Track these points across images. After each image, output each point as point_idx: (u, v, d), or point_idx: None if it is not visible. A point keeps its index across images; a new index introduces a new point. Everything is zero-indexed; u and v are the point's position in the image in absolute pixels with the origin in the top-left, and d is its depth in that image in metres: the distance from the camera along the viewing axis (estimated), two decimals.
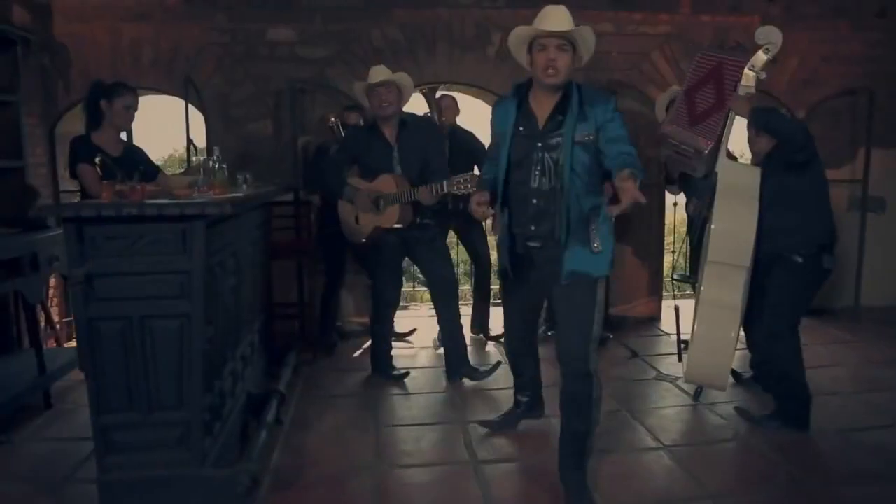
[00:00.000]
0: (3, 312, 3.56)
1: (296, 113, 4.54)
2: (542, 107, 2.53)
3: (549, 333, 4.29)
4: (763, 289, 3.12)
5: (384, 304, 3.89)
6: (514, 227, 2.59)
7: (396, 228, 3.64)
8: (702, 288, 3.05)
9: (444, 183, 3.44)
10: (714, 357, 3.00)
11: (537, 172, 2.51)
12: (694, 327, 3.06)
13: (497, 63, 4.84)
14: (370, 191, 3.63)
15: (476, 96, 5.21)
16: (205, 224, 2.38)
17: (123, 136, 3.52)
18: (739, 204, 3.01)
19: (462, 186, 3.39)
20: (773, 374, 3.17)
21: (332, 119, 4.20)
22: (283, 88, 4.57)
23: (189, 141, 4.03)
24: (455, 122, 4.43)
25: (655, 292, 5.23)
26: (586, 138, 2.45)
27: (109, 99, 3.21)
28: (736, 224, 2.99)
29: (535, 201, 2.52)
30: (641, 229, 5.11)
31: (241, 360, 3.23)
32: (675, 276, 4.80)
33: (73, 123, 4.62)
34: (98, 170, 3.17)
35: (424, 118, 4.02)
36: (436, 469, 2.86)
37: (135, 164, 3.42)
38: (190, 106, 4.36)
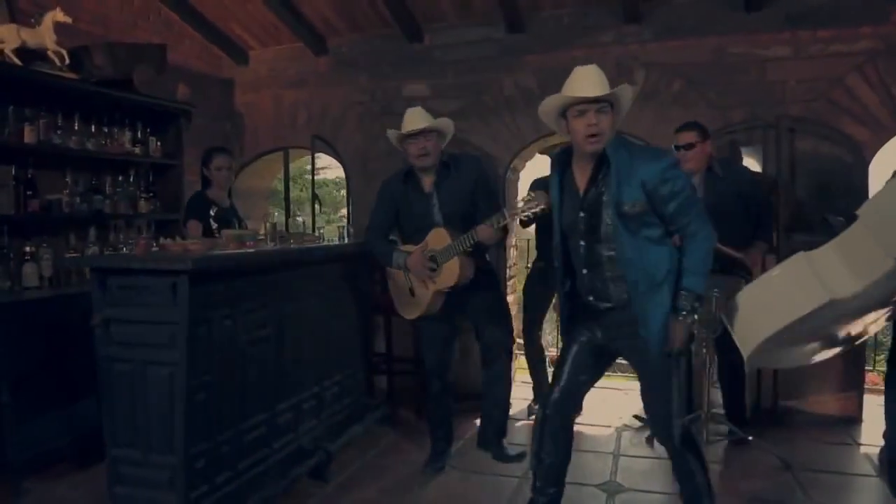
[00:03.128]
0: None
1: None
2: (583, 173, 2.40)
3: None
4: None
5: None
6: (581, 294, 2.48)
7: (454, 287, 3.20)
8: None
9: (504, 211, 2.95)
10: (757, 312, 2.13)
11: (582, 243, 2.39)
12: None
13: (641, 104, 4.28)
14: (422, 251, 3.20)
15: None
16: (187, 279, 2.50)
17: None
18: None
19: (528, 207, 2.85)
20: None
21: None
22: None
23: (314, 197, 4.30)
24: None
25: (853, 385, 3.99)
26: (634, 209, 2.26)
27: (206, 163, 3.62)
28: None
29: (585, 272, 2.41)
30: None
31: (292, 413, 3.28)
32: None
33: (247, 180, 5.30)
34: (212, 221, 3.58)
35: (467, 155, 3.60)
36: None
37: (238, 214, 3.81)
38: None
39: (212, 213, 3.66)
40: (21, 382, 3.18)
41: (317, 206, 4.34)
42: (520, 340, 4.29)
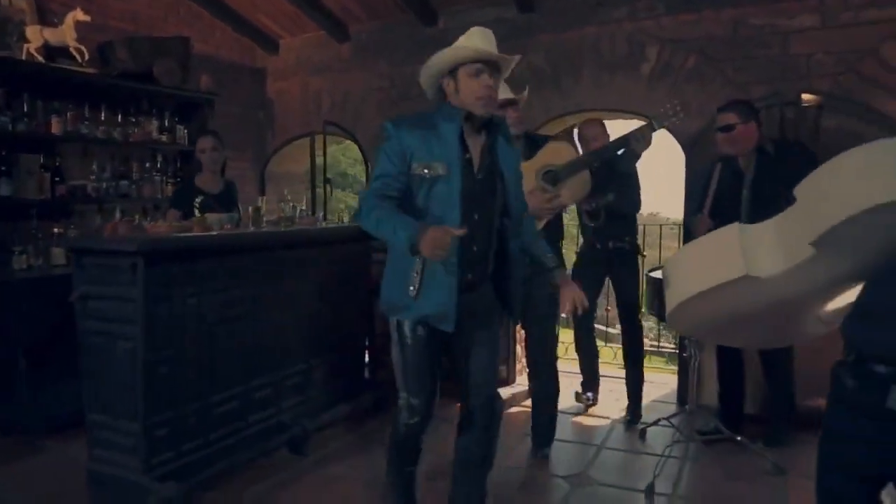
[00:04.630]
0: None
1: None
2: (475, 139, 2.22)
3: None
4: None
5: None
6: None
7: None
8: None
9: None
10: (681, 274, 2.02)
11: (477, 216, 2.19)
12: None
13: (651, 83, 4.06)
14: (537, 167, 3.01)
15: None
16: (143, 259, 2.67)
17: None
18: None
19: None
20: None
21: None
22: None
23: (326, 181, 4.42)
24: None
25: None
26: (518, 179, 2.32)
27: (194, 145, 3.78)
28: None
29: (475, 248, 2.22)
30: None
31: (271, 389, 3.41)
32: None
33: (282, 164, 5.51)
34: (196, 210, 3.69)
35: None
36: None
37: (232, 198, 3.96)
38: None
39: (196, 202, 3.77)
40: (35, 351, 3.52)
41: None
42: None
